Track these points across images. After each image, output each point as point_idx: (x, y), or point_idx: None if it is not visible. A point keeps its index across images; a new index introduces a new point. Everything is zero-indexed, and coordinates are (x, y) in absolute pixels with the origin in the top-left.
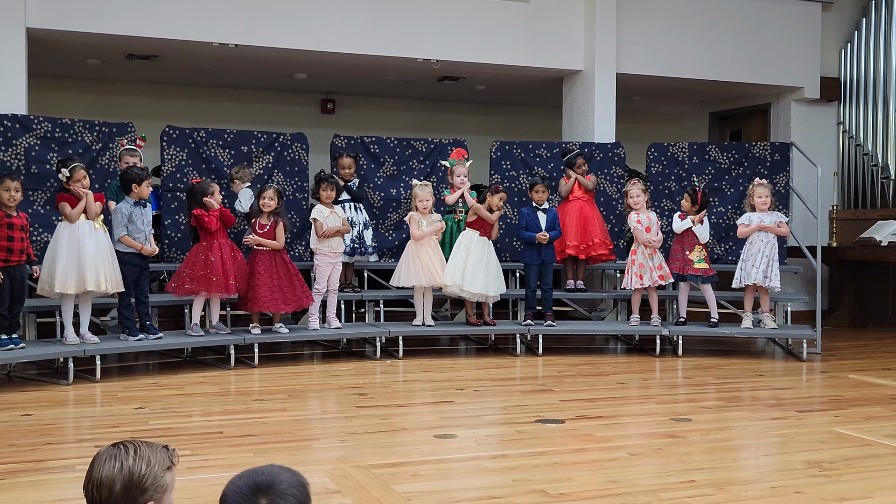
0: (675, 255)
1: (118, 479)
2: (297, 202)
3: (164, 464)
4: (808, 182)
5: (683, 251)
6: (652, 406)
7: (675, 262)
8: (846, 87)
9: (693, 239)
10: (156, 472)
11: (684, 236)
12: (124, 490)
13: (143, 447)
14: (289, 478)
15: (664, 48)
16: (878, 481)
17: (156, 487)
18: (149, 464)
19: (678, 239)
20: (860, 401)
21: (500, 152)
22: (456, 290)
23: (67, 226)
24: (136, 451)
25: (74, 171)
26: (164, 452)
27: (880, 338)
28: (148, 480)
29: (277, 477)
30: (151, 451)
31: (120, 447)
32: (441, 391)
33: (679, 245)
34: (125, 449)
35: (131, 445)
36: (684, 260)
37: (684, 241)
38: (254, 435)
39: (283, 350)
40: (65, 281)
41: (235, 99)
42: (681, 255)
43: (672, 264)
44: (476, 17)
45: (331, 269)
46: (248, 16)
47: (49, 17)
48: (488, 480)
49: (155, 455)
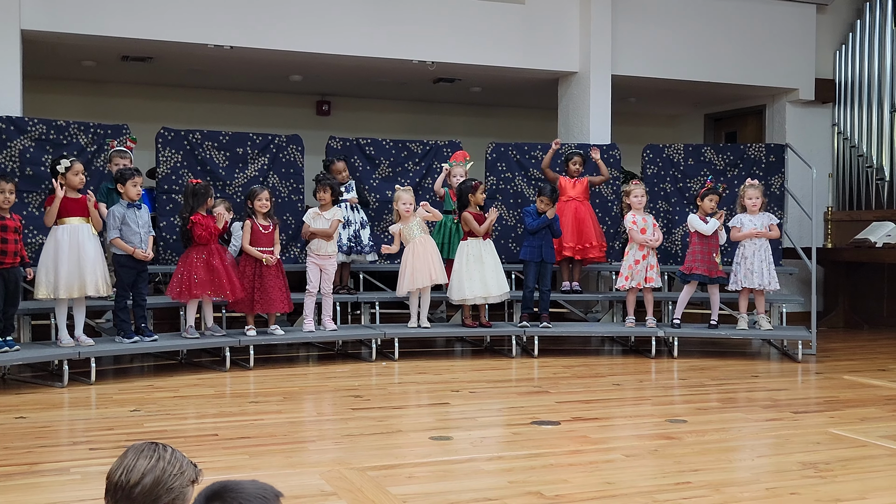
0: (702, 257)
1: (150, 473)
2: (292, 204)
3: (190, 476)
4: (803, 183)
5: (710, 253)
6: (647, 407)
7: (701, 265)
8: (841, 88)
9: (717, 240)
10: (184, 481)
11: (711, 238)
12: (153, 485)
13: (179, 455)
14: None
15: (659, 50)
16: (874, 482)
17: (179, 495)
18: (181, 469)
19: (704, 241)
20: (855, 402)
21: (495, 154)
22: (481, 300)
23: (58, 229)
24: (172, 454)
25: (74, 164)
26: (193, 467)
27: (875, 339)
28: (176, 483)
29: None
30: (185, 460)
31: (158, 446)
32: (437, 393)
33: (705, 247)
34: (163, 448)
35: (169, 448)
36: (711, 262)
37: (710, 242)
38: (249, 437)
39: (278, 352)
40: (70, 286)
41: (231, 101)
42: (708, 258)
43: (699, 266)
44: (471, 18)
45: (318, 271)
46: (244, 18)
47: (44, 19)
48: (484, 482)
49: (187, 465)
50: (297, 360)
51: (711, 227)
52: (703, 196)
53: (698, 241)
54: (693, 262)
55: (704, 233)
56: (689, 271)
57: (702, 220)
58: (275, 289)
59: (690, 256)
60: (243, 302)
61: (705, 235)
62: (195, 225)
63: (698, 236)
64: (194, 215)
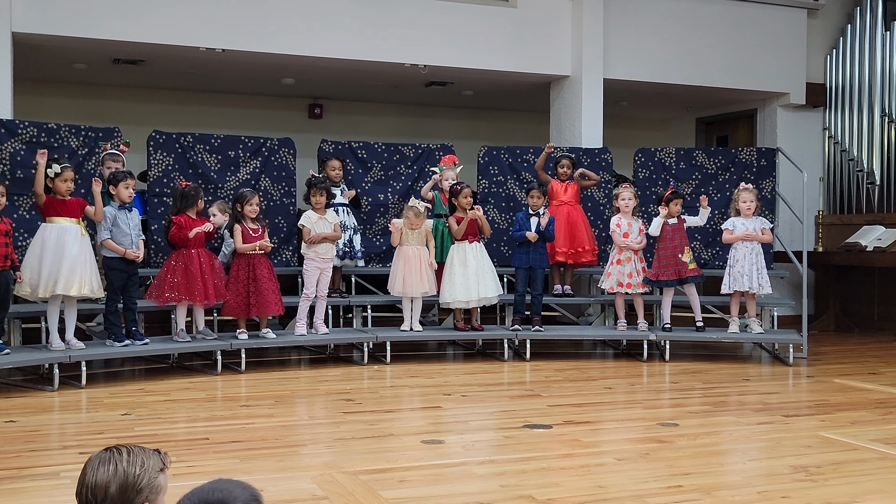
0: (666, 261)
1: (113, 481)
2: (284, 207)
3: (157, 466)
4: (794, 187)
5: (675, 254)
6: (639, 411)
7: (668, 269)
8: (832, 92)
9: (682, 240)
10: (150, 474)
11: (672, 239)
12: (120, 491)
13: (136, 450)
14: (241, 493)
15: (651, 54)
16: (864, 485)
17: (151, 488)
18: (143, 465)
19: (664, 244)
20: (846, 405)
21: (487, 157)
22: (461, 304)
23: (46, 228)
24: (129, 453)
25: (64, 171)
26: (156, 455)
27: (866, 342)
28: (143, 481)
29: (230, 493)
30: (144, 453)
31: (113, 451)
32: (429, 396)
33: (668, 250)
34: (118, 452)
35: (124, 448)
36: (678, 263)
37: (673, 243)
38: (240, 441)
39: (270, 355)
40: (47, 285)
41: (222, 104)
42: (674, 260)
43: (665, 271)
44: (464, 22)
45: (318, 275)
46: (235, 21)
47: (35, 21)
48: (476, 486)
49: (148, 457)
50: (289, 363)
51: (655, 225)
52: (668, 200)
53: (662, 244)
54: (659, 268)
55: (653, 234)
56: (656, 277)
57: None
58: (269, 291)
59: (656, 263)
60: (237, 306)
61: (666, 238)
62: (172, 226)
63: (661, 240)
64: (176, 216)
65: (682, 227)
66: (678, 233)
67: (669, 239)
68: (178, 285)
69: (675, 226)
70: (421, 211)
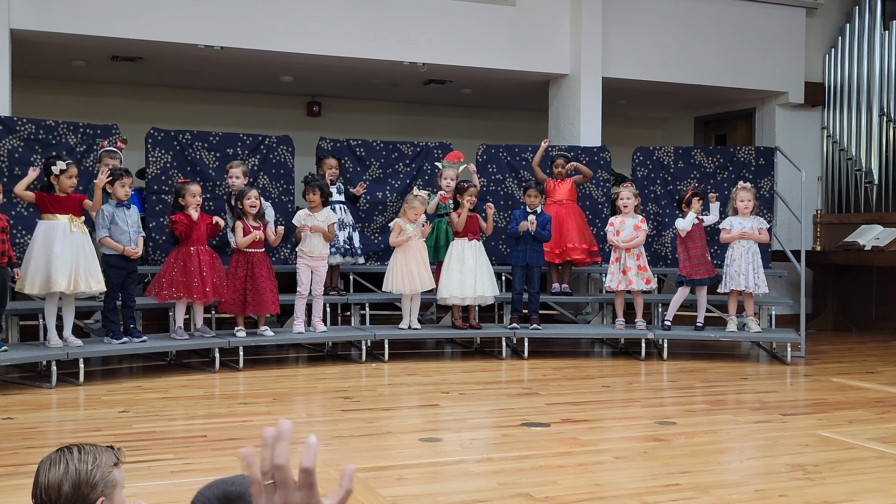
0: (697, 260)
1: (66, 480)
2: (282, 205)
3: (110, 461)
4: (792, 186)
5: (704, 254)
6: (637, 409)
7: (700, 268)
8: (830, 92)
9: (704, 240)
10: (103, 469)
11: (700, 238)
12: (74, 489)
13: (88, 447)
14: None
15: (650, 52)
16: (862, 484)
17: (105, 483)
18: (95, 461)
19: (695, 243)
20: (844, 404)
21: (486, 155)
22: (458, 301)
23: (41, 225)
24: (80, 450)
25: (70, 167)
26: (108, 451)
27: (864, 341)
28: (96, 476)
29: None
30: (96, 450)
31: (63, 450)
32: (427, 395)
33: (698, 249)
34: (69, 451)
35: (74, 447)
36: (709, 263)
37: (701, 242)
38: (238, 438)
39: (267, 353)
40: (33, 281)
41: (221, 101)
42: (705, 259)
43: (698, 270)
44: (462, 20)
45: (310, 273)
46: (234, 18)
47: (33, 19)
48: (474, 484)
49: (100, 453)
50: (287, 361)
51: (689, 220)
52: (689, 201)
53: (691, 244)
54: (692, 267)
55: (685, 228)
56: (691, 276)
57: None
58: (266, 290)
59: (688, 262)
60: (233, 303)
61: (693, 238)
62: (175, 224)
63: (688, 240)
64: (175, 214)
65: (701, 227)
66: (700, 231)
67: (697, 238)
68: (178, 282)
69: (697, 225)
70: (426, 199)
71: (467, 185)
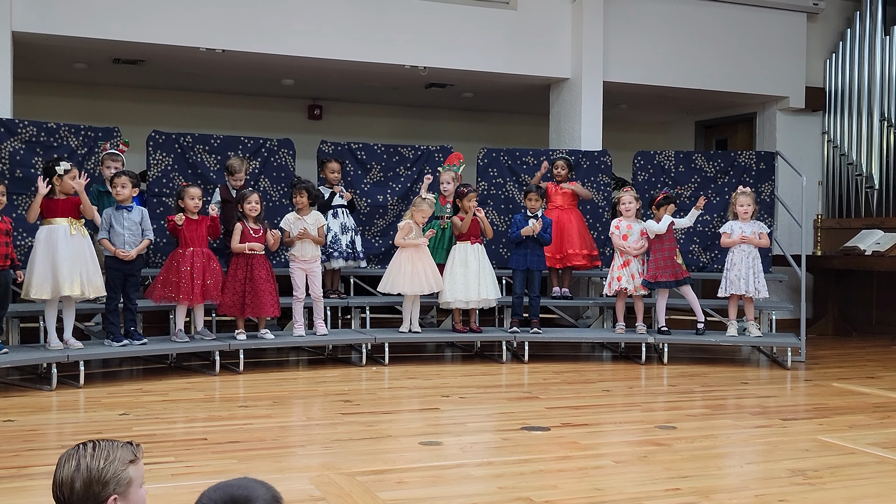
0: (664, 263)
1: (77, 478)
2: (283, 208)
3: (125, 458)
4: (792, 191)
5: (672, 257)
6: (637, 414)
7: (665, 270)
8: (831, 96)
9: (674, 242)
10: (116, 467)
11: (667, 241)
12: (85, 486)
13: (103, 443)
14: (264, 493)
15: (651, 57)
16: (862, 489)
17: (118, 481)
18: (107, 458)
19: (662, 246)
20: (844, 409)
21: (487, 159)
22: (461, 304)
23: (42, 229)
24: (94, 447)
25: (73, 169)
26: (126, 447)
27: (864, 346)
28: (108, 474)
29: (254, 492)
30: (111, 446)
31: (79, 447)
32: (427, 398)
33: (665, 252)
34: (84, 448)
35: (90, 443)
36: (674, 265)
37: (669, 245)
38: (238, 441)
39: (268, 356)
40: (40, 286)
41: (222, 104)
42: (671, 262)
43: (663, 273)
44: (464, 24)
45: (304, 275)
46: (235, 21)
47: (35, 21)
48: (474, 488)
49: (115, 450)
50: (287, 364)
51: (664, 223)
52: (660, 204)
53: (658, 246)
54: (657, 270)
55: (659, 231)
56: (654, 279)
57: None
58: (265, 293)
59: (653, 264)
60: (232, 305)
61: (662, 240)
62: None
63: (656, 242)
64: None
65: (671, 230)
66: (670, 235)
67: (667, 241)
68: (171, 283)
69: (668, 228)
70: (433, 202)
71: (467, 190)
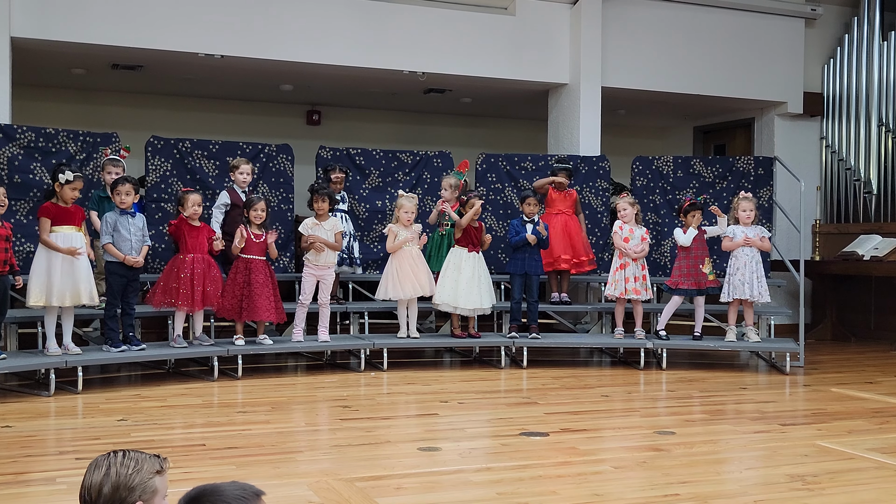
0: (688, 271)
1: (106, 482)
2: (282, 213)
3: (152, 468)
4: (791, 196)
5: (698, 265)
6: (636, 419)
7: (689, 278)
8: (829, 102)
9: (703, 251)
10: (143, 475)
11: (694, 249)
12: (112, 490)
13: (132, 453)
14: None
15: (649, 62)
16: (861, 495)
17: (143, 489)
18: (136, 466)
19: (690, 254)
20: (843, 414)
21: (485, 164)
22: (450, 308)
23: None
24: (124, 456)
25: (76, 179)
26: (153, 459)
27: (863, 351)
28: (135, 480)
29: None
30: (140, 456)
31: (109, 454)
32: (425, 403)
33: (692, 260)
34: (114, 455)
35: (121, 452)
36: (699, 274)
37: (697, 254)
38: (237, 447)
39: (266, 362)
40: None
41: (221, 109)
42: (696, 270)
43: (686, 280)
44: (462, 29)
45: (315, 282)
46: (234, 27)
47: (34, 27)
48: (472, 493)
49: (143, 460)
50: (286, 370)
51: (689, 236)
52: (686, 211)
53: (684, 254)
54: (679, 277)
55: (683, 244)
56: (676, 286)
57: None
58: (262, 297)
59: (677, 271)
60: (231, 309)
61: (693, 250)
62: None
63: (684, 249)
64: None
65: (702, 238)
66: (699, 243)
67: (697, 249)
68: (171, 289)
69: (696, 236)
70: (414, 196)
71: (467, 199)
